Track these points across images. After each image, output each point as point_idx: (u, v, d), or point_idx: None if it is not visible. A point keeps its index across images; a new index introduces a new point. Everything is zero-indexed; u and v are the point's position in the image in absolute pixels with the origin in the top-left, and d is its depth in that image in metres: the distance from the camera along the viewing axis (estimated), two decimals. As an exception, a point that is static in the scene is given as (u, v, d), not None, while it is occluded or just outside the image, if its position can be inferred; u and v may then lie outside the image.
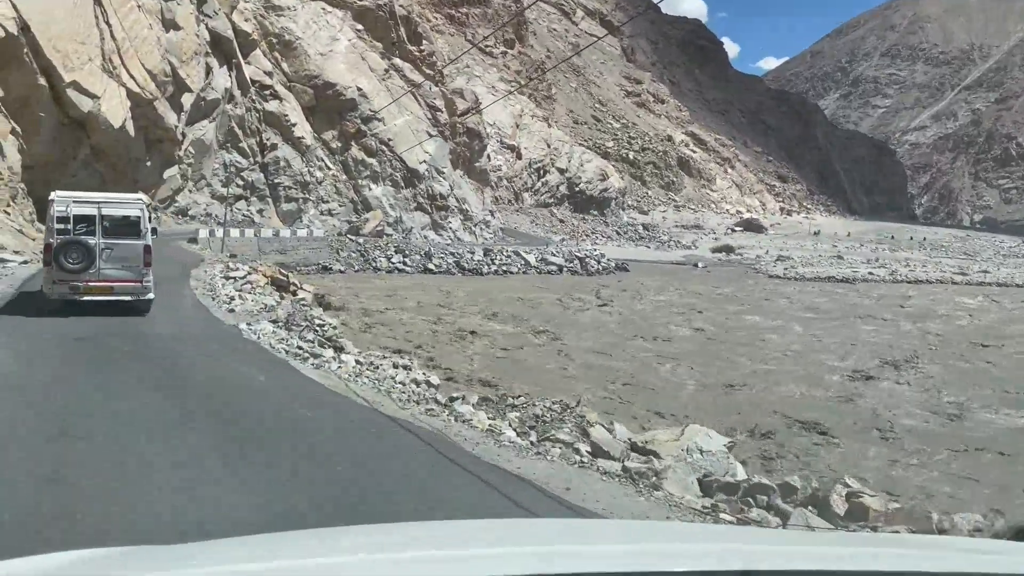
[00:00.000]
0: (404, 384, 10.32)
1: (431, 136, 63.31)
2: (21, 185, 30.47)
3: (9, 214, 25.88)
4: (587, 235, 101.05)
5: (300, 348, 12.00)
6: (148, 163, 47.11)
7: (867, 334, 34.02)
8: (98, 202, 14.98)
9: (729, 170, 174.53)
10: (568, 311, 36.14)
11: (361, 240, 52.56)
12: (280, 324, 14.19)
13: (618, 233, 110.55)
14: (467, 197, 65.93)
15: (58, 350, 10.77)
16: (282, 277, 28.02)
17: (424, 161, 62.30)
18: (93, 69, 42.38)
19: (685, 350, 24.86)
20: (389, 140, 61.34)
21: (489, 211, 68.68)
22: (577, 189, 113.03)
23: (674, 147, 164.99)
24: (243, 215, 53.75)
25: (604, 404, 14.12)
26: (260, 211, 54.61)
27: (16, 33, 37.57)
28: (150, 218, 15.67)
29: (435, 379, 11.63)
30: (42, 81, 39.81)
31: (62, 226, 14.18)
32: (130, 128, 44.41)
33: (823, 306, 48.43)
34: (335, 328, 15.57)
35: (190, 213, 51.81)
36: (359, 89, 60.64)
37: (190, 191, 51.56)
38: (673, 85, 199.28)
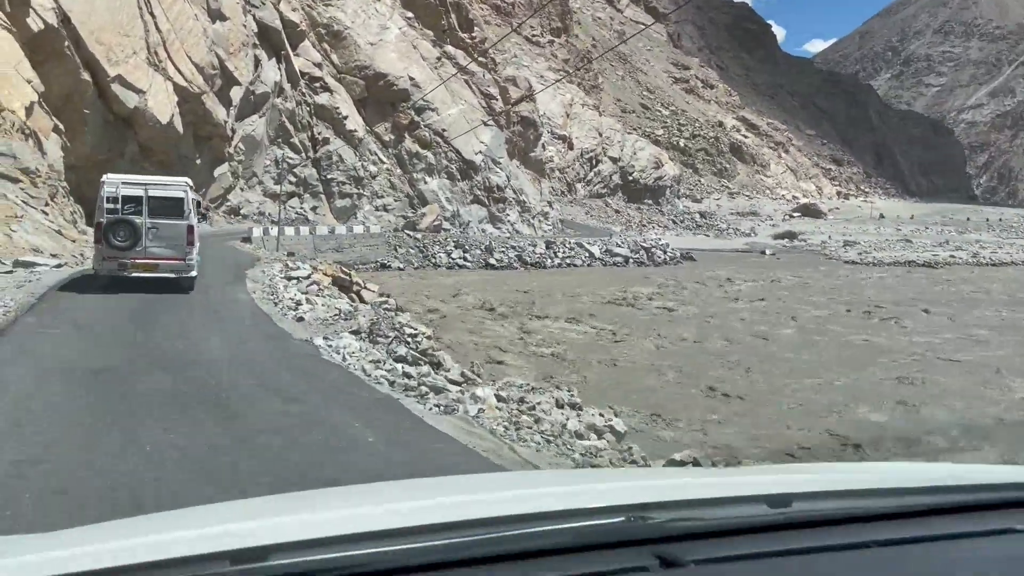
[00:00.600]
0: (586, 437, 6.89)
1: (486, 125, 59.99)
2: (63, 184, 27.83)
3: (48, 214, 23.14)
4: (643, 225, 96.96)
5: (407, 375, 8.68)
6: (198, 160, 44.57)
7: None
8: (145, 184, 15.70)
9: (783, 154, 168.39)
10: (660, 310, 32.45)
11: (419, 236, 49.46)
12: (363, 336, 10.97)
13: (674, 222, 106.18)
14: (524, 188, 62.50)
15: (67, 386, 7.62)
16: (344, 276, 24.99)
17: (480, 151, 59.05)
18: (138, 63, 39.88)
19: (823, 359, 20.94)
20: (443, 131, 58.19)
21: (547, 202, 65.15)
22: (630, 178, 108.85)
23: (725, 133, 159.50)
24: (296, 213, 51.06)
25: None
26: (314, 208, 51.87)
27: (56, 25, 35.11)
28: (198, 203, 16.63)
29: (619, 425, 8.16)
30: (85, 76, 37.38)
31: (111, 206, 14.85)
32: (178, 124, 41.88)
33: (926, 293, 43.99)
34: (428, 338, 12.30)
35: (242, 212, 49.27)
36: (411, 79, 57.56)
37: (241, 189, 48.97)
38: (721, 70, 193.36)
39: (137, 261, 14.99)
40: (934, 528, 1.34)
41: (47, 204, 24.31)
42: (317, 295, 15.93)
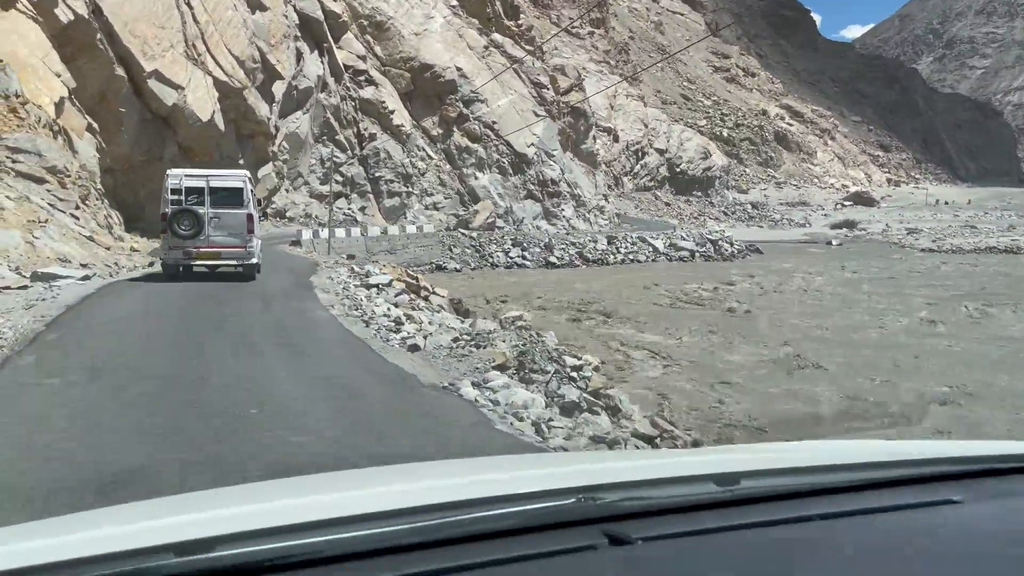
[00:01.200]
0: None
1: (537, 116, 56.23)
2: (96, 186, 24.71)
3: (78, 218, 19.91)
4: (695, 218, 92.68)
5: (598, 440, 5.01)
6: (241, 160, 41.44)
7: None
8: (206, 175, 16.13)
9: (829, 142, 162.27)
10: (750, 311, 28.45)
11: (475, 234, 45.89)
12: (512, 372, 7.33)
13: (725, 214, 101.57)
14: (579, 181, 58.64)
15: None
16: (411, 279, 21.49)
17: (532, 144, 55.33)
18: (175, 56, 36.84)
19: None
20: (494, 123, 54.56)
21: (603, 195, 61.24)
22: (678, 170, 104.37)
23: (769, 121, 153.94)
24: (344, 214, 47.79)
25: None
26: (362, 209, 48.57)
27: (87, 16, 32.14)
28: (258, 201, 16.83)
29: None
30: (120, 71, 34.41)
31: (175, 197, 15.34)
32: (219, 121, 38.79)
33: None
34: (596, 370, 8.67)
35: (288, 215, 46.13)
36: (458, 69, 54.02)
37: (287, 191, 45.82)
38: (760, 58, 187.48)
39: (201, 250, 15.37)
40: (875, 501, 1.33)
41: (77, 207, 21.10)
42: (413, 308, 12.36)
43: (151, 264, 19.66)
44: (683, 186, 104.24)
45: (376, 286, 14.99)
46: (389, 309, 11.20)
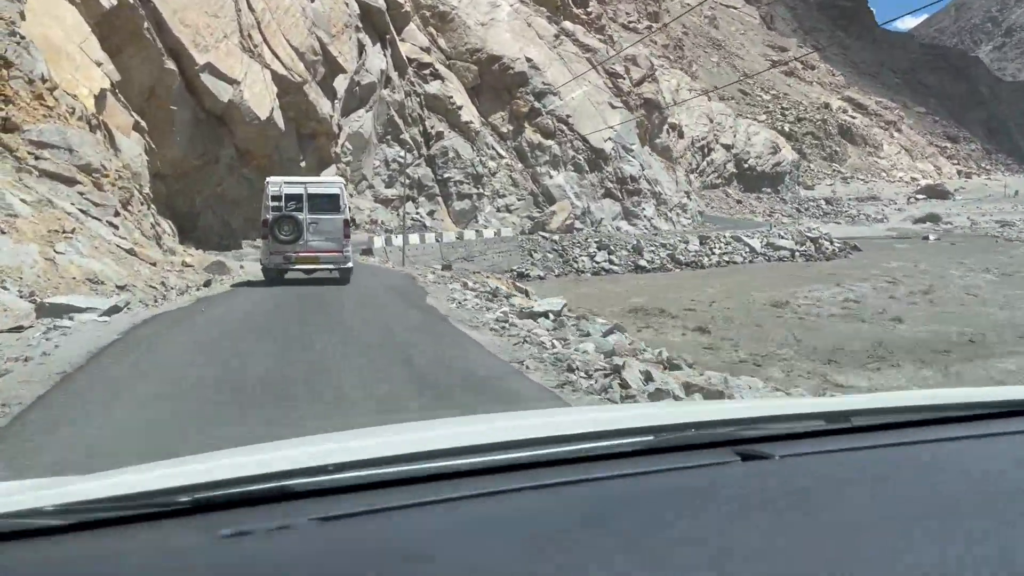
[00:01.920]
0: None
1: (614, 108, 51.08)
2: (143, 190, 20.37)
3: (117, 228, 15.44)
4: (769, 215, 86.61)
5: None
6: (302, 163, 37.19)
7: None
8: (304, 182, 16.67)
9: (895, 134, 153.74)
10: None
11: (556, 238, 40.93)
12: None
13: (798, 210, 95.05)
14: (659, 178, 53.29)
15: None
16: (518, 292, 16.69)
17: (609, 138, 50.21)
18: (230, 48, 32.67)
19: None
20: (567, 117, 49.59)
21: (685, 192, 55.76)
22: (746, 166, 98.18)
23: (832, 114, 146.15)
24: (412, 219, 43.18)
25: None
26: (431, 213, 43.95)
27: (132, 2, 28.04)
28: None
29: None
30: (170, 64, 30.32)
31: (275, 204, 15.63)
32: (279, 120, 34.55)
33: None
34: None
35: (353, 221, 41.57)
36: (528, 60, 49.16)
37: (351, 195, 41.18)
38: (818, 50, 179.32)
39: (300, 254, 15.49)
40: (977, 429, 1.38)
41: (117, 214, 16.69)
42: (635, 353, 7.45)
43: (207, 283, 15.08)
44: (751, 182, 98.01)
45: (546, 316, 10.05)
46: (620, 362, 6.23)
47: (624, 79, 52.45)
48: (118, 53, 28.61)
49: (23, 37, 17.88)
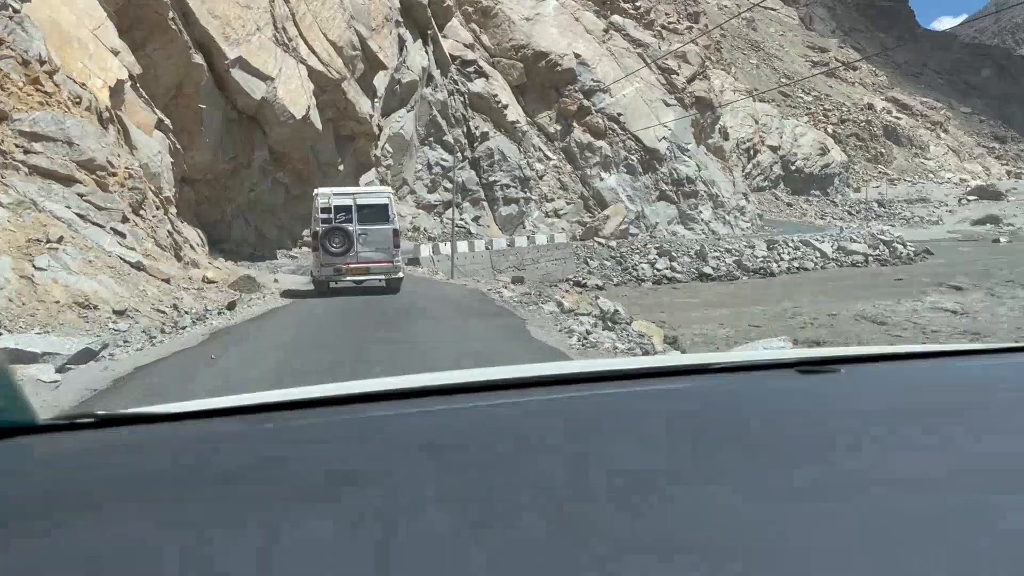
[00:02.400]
0: None
1: (668, 105, 47.40)
2: (161, 193, 17.27)
3: (124, 236, 12.26)
4: (821, 218, 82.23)
5: None
6: (340, 166, 34.14)
7: None
8: (353, 193, 16.62)
9: (942, 135, 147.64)
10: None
11: (613, 244, 37.34)
12: None
13: (849, 213, 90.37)
14: (715, 179, 49.46)
15: None
16: (607, 307, 13.21)
17: (664, 137, 46.52)
18: (263, 41, 29.70)
19: None
20: (619, 115, 46.01)
21: (742, 194, 51.86)
22: (793, 168, 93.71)
23: (876, 115, 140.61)
24: (456, 226, 39.77)
25: None
26: (476, 219, 40.61)
27: (156, -12, 25.15)
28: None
29: None
30: (198, 59, 27.38)
31: (325, 215, 15.52)
32: (316, 119, 31.50)
33: None
34: None
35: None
36: (577, 56, 45.70)
37: (388, 188, 38.00)
38: (858, 51, 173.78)
39: (351, 266, 15.30)
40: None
41: (125, 219, 13.54)
42: None
43: (230, 306, 11.77)
44: (799, 185, 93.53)
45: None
46: None
47: (677, 75, 48.76)
48: (141, 46, 25.75)
49: (16, 11, 14.82)
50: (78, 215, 12.72)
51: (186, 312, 11.21)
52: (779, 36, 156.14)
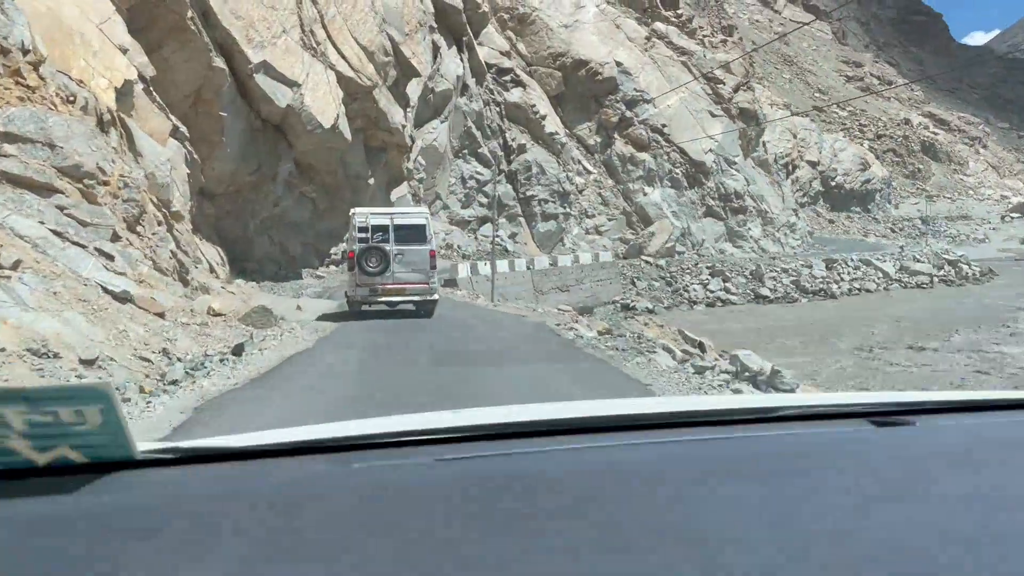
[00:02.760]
0: None
1: (714, 117, 44.52)
2: (169, 206, 14.70)
3: (113, 258, 9.50)
4: (864, 235, 78.68)
5: None
6: (371, 180, 31.65)
7: None
8: (390, 213, 16.30)
9: (981, 150, 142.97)
10: None
11: (662, 263, 34.41)
12: None
13: (892, 230, 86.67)
14: (764, 194, 46.36)
15: None
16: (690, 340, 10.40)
17: (711, 150, 43.60)
18: (289, 45, 27.34)
19: None
20: (663, 126, 43.19)
21: (792, 210, 48.70)
22: (833, 183, 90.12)
23: (913, 131, 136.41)
24: (492, 243, 37.09)
25: None
26: (512, 236, 37.92)
27: (173, -15, 22.85)
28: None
29: None
30: (219, 63, 25.04)
31: (362, 235, 15.00)
32: (345, 129, 29.05)
33: None
34: None
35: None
36: (618, 64, 43.01)
37: (424, 208, 35.43)
38: (892, 66, 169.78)
39: (387, 286, 14.94)
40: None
41: (116, 238, 10.91)
42: None
43: (236, 351, 9.00)
44: (839, 201, 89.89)
45: None
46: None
47: (724, 84, 45.89)
48: (156, 48, 23.46)
49: (-5, -9, 12.39)
50: (54, 232, 10.14)
51: (179, 359, 8.52)
52: (812, 51, 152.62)
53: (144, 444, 1.00)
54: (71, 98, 13.92)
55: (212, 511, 0.88)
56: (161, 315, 10.07)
